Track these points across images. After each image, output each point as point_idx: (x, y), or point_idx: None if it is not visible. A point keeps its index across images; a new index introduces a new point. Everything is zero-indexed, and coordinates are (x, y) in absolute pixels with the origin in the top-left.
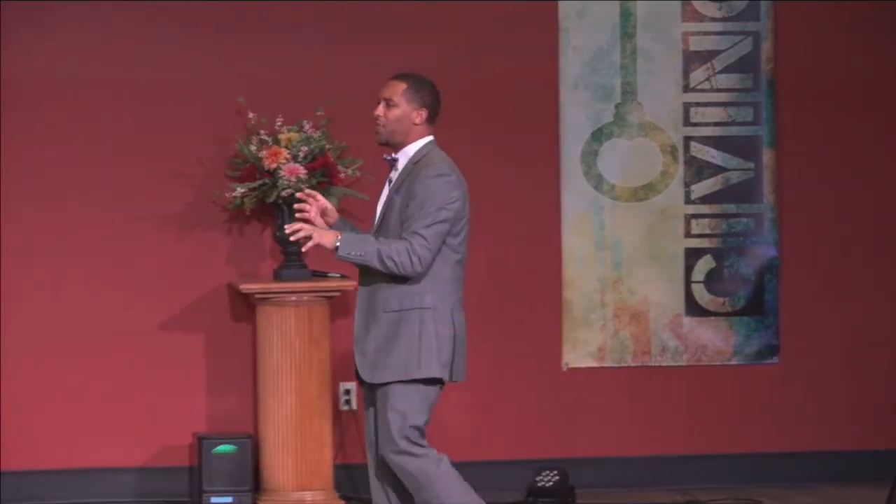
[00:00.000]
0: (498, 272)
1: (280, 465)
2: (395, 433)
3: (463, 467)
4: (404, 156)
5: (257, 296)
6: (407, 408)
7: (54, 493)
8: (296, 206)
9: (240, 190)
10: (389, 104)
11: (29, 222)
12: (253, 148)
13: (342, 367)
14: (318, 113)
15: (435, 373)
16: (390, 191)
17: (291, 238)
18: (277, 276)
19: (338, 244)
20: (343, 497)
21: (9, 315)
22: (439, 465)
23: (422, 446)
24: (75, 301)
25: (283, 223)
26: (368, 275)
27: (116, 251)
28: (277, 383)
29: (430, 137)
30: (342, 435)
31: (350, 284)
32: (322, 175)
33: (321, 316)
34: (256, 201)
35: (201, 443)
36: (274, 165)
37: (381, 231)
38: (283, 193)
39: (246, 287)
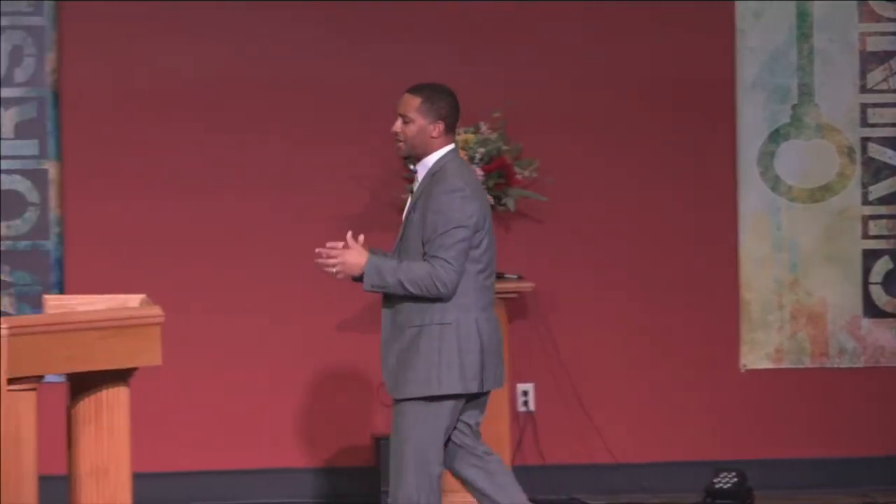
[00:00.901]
0: (675, 274)
1: None
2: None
3: (643, 468)
4: (423, 167)
5: None
6: (418, 446)
7: (237, 493)
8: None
9: None
10: (406, 120)
11: (217, 220)
12: None
13: (519, 368)
14: (495, 115)
15: (456, 389)
16: (410, 204)
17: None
18: None
19: (363, 274)
20: None
21: (195, 313)
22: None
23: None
24: (260, 301)
25: None
26: (391, 297)
27: (296, 251)
28: None
29: (451, 146)
30: (520, 436)
31: (527, 286)
32: (499, 176)
33: (498, 317)
34: None
35: (380, 444)
36: None
37: (401, 244)
38: None
39: None
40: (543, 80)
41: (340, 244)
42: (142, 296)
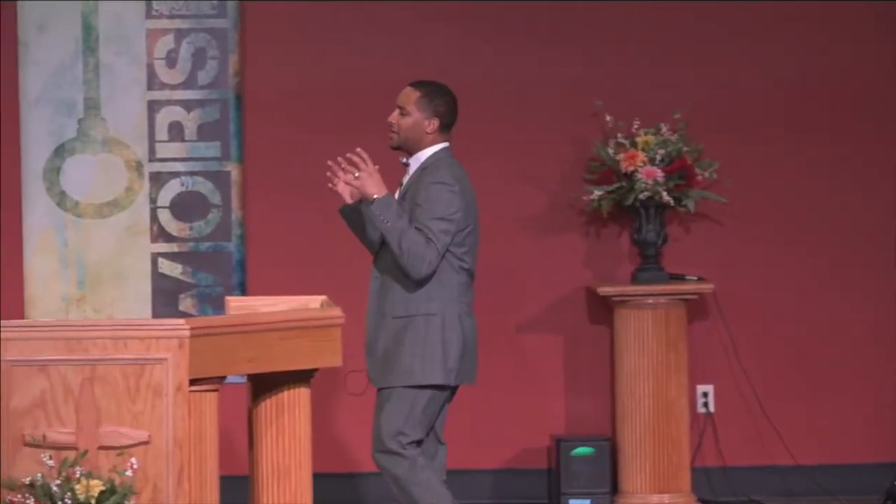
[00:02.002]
0: (856, 273)
1: (638, 467)
2: (384, 434)
3: (823, 469)
4: (415, 161)
5: (615, 298)
6: (400, 414)
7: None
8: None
9: (597, 193)
10: (402, 112)
11: None
12: (610, 151)
13: (699, 369)
14: (675, 116)
15: (438, 380)
16: (398, 196)
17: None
18: (635, 279)
19: (376, 198)
20: (701, 500)
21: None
22: (418, 470)
23: (405, 452)
24: None
25: (641, 226)
26: (381, 265)
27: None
28: (634, 386)
29: (444, 145)
30: (700, 437)
31: (707, 287)
32: (679, 178)
33: (678, 318)
34: (613, 204)
35: (559, 445)
36: (631, 168)
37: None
38: (641, 196)
39: (603, 290)
40: (724, 81)
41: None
42: (322, 297)
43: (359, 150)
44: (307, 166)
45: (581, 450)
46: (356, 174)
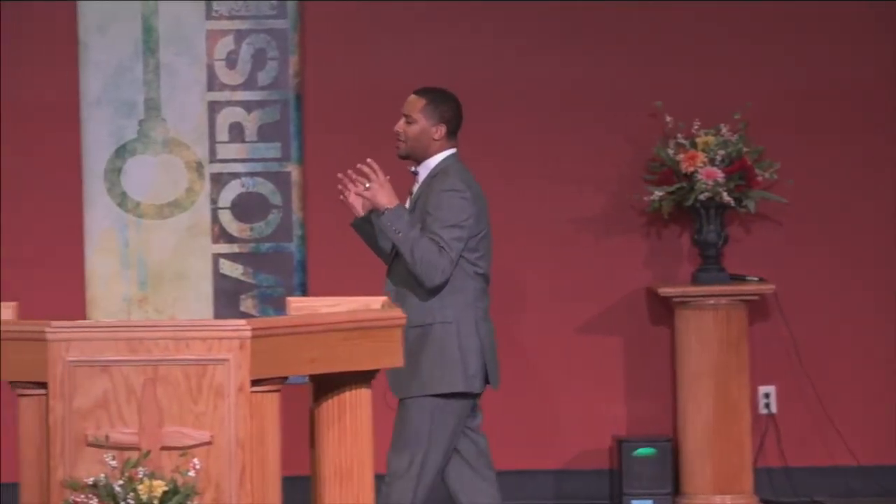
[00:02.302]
0: None
1: (699, 468)
2: (395, 459)
3: (886, 470)
4: (424, 169)
5: (675, 299)
6: (422, 429)
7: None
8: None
9: (657, 193)
10: (409, 120)
11: None
12: (670, 152)
13: (760, 370)
14: (736, 116)
15: (459, 387)
16: (409, 204)
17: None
18: (696, 280)
19: (388, 209)
20: (763, 501)
21: None
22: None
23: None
24: (499, 300)
25: (702, 227)
26: (395, 276)
27: (534, 254)
28: (696, 387)
29: (452, 151)
30: (761, 438)
31: (768, 288)
32: (739, 178)
33: (739, 319)
34: (674, 205)
35: (621, 446)
36: (691, 169)
37: None
38: (701, 197)
39: (664, 291)
40: (785, 82)
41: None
42: (384, 298)
43: (369, 160)
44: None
45: (643, 450)
46: (367, 185)
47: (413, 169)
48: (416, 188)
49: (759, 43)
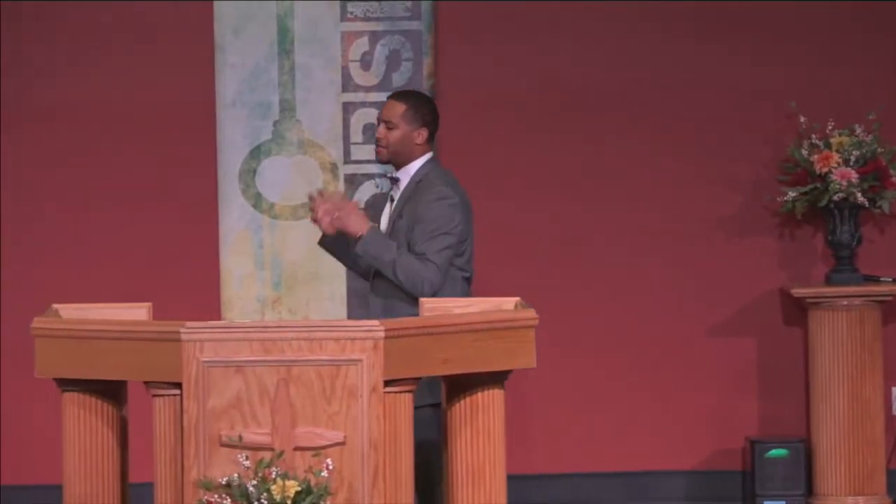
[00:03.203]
0: None
1: (832, 469)
2: None
3: None
4: (405, 174)
5: (809, 300)
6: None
7: (609, 496)
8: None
9: (791, 194)
10: (389, 126)
11: (590, 222)
12: (804, 152)
13: (894, 370)
14: (870, 117)
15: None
16: (393, 211)
17: (318, 217)
18: (829, 280)
19: (362, 236)
20: None
21: (567, 314)
22: None
23: None
24: (632, 302)
25: (835, 227)
26: (381, 289)
27: (668, 254)
28: (829, 387)
29: (431, 154)
30: (895, 439)
31: None
32: (874, 179)
33: (873, 320)
34: (808, 205)
35: (754, 447)
36: (825, 169)
37: None
38: (835, 198)
39: (797, 291)
40: None
41: (339, 197)
42: (516, 298)
43: (339, 190)
44: (501, 167)
45: (776, 451)
46: (335, 217)
47: (392, 174)
48: (397, 194)
49: (894, 41)
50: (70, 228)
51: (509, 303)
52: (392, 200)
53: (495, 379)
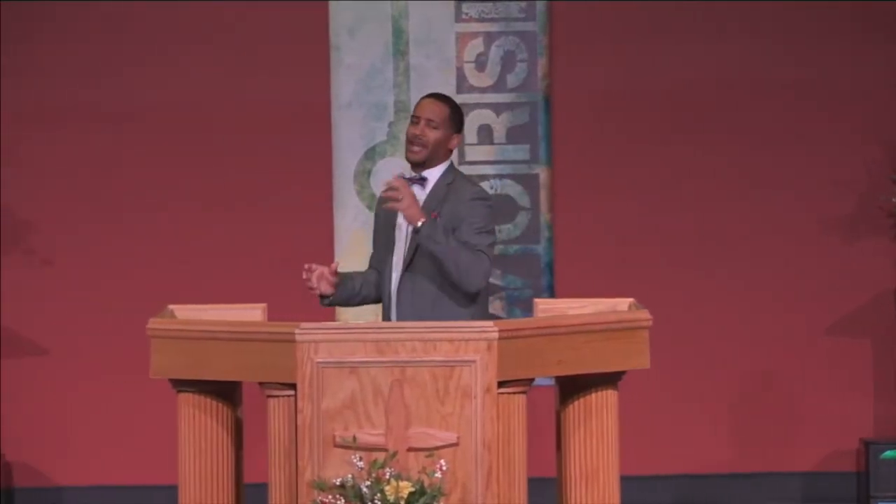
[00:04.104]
0: None
1: None
2: None
3: None
4: (432, 176)
5: None
6: None
7: (722, 496)
8: (385, 194)
9: None
10: (433, 125)
11: (696, 223)
12: None
13: None
14: None
15: None
16: (423, 211)
17: (385, 192)
18: None
19: (423, 223)
20: None
21: (679, 314)
22: None
23: None
24: (736, 303)
25: None
26: (425, 291)
27: (779, 255)
28: None
29: (451, 160)
30: None
31: None
32: None
33: None
34: None
35: (868, 448)
36: None
37: (419, 252)
38: None
39: None
40: None
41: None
42: (630, 299)
43: (396, 177)
44: (616, 168)
45: (891, 453)
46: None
47: (417, 175)
48: (421, 194)
49: None
50: (186, 229)
51: (623, 304)
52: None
53: (609, 380)
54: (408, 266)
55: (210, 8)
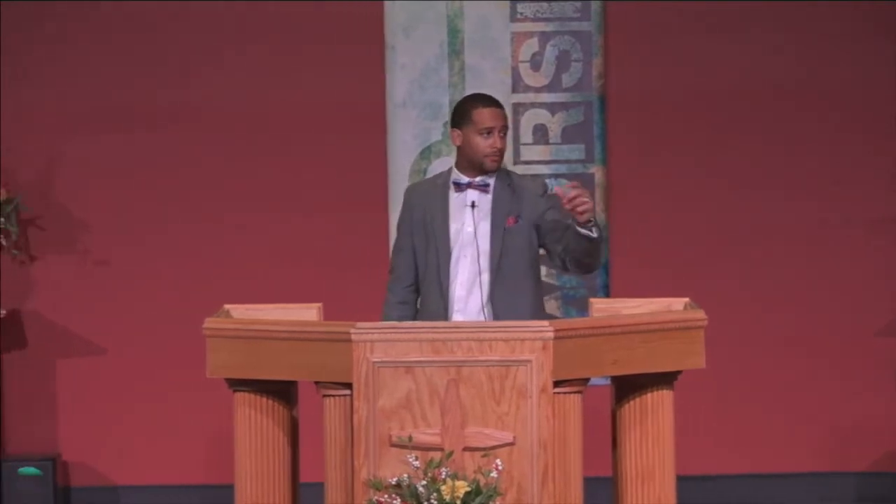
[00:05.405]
0: None
1: None
2: None
3: None
4: (491, 179)
5: None
6: None
7: (773, 496)
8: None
9: None
10: (504, 133)
11: (755, 222)
12: None
13: None
14: None
15: None
16: (495, 213)
17: (576, 205)
18: None
19: (594, 221)
20: None
21: (719, 313)
22: None
23: None
24: (801, 302)
25: None
26: (506, 277)
27: (843, 252)
28: None
29: None
30: None
31: None
32: None
33: None
34: None
35: None
36: None
37: (505, 255)
38: None
39: None
40: None
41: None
42: (685, 299)
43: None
44: (671, 168)
45: None
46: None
47: (480, 181)
48: (481, 198)
49: None
50: (242, 229)
51: (678, 303)
52: (473, 206)
53: (664, 380)
54: (495, 269)
55: (265, 8)
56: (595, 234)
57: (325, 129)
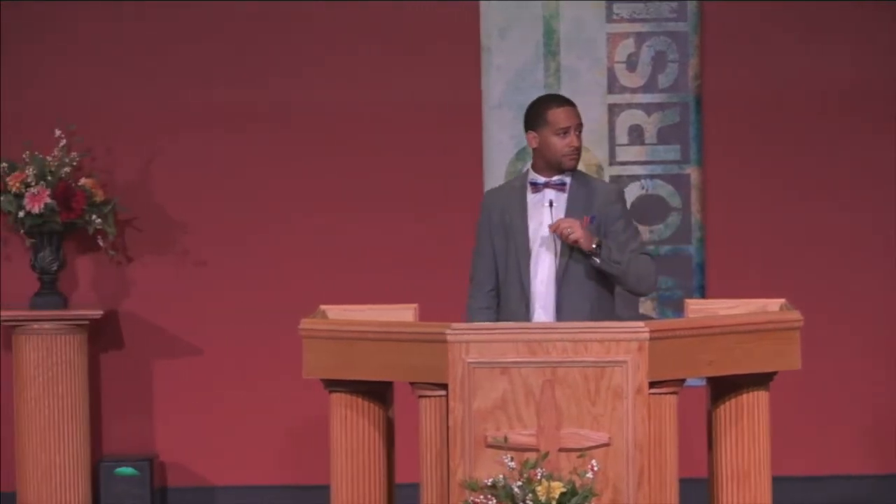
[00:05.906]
0: None
1: None
2: None
3: None
4: (567, 178)
5: None
6: None
7: (864, 497)
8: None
9: None
10: (579, 130)
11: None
12: None
13: None
14: None
15: None
16: (570, 213)
17: (561, 231)
18: None
19: (595, 247)
20: None
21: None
22: None
23: None
24: (870, 304)
25: None
26: (581, 286)
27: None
28: None
29: None
30: None
31: None
32: None
33: None
34: None
35: None
36: None
37: (572, 257)
38: None
39: None
40: None
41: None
42: (781, 300)
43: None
44: (768, 168)
45: None
46: (570, 234)
47: (556, 180)
48: (558, 199)
49: None
50: (338, 230)
51: (774, 304)
52: (550, 205)
53: (760, 380)
54: (562, 276)
55: (362, 8)
56: (598, 262)
57: (422, 130)
